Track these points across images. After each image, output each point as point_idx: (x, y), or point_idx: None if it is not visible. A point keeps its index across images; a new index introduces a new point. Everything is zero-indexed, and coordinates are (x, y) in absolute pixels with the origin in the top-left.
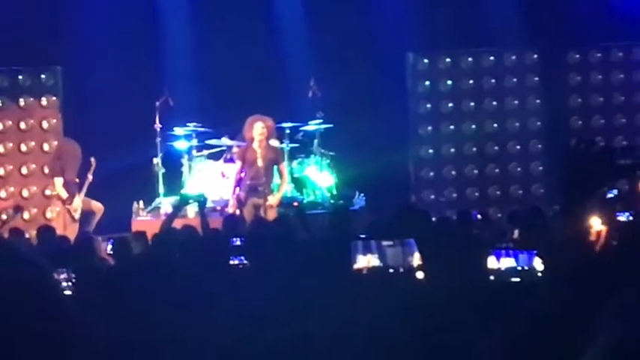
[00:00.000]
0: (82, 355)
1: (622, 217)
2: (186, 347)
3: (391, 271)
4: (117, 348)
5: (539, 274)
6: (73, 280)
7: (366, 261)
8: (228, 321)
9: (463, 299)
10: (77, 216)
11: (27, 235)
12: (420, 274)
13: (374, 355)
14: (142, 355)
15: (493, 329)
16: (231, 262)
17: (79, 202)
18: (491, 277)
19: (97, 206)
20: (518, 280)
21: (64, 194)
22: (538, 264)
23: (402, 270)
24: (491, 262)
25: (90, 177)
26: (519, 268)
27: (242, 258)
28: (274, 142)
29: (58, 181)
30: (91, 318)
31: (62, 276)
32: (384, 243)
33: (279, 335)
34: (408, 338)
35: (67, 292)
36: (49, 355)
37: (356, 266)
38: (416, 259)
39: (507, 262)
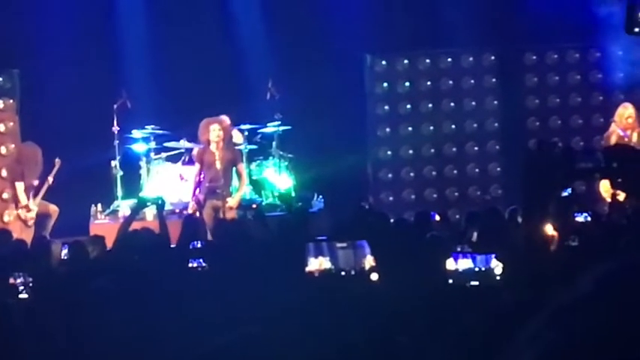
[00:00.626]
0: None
1: (580, 218)
2: (144, 350)
3: (343, 273)
4: (73, 350)
5: (498, 278)
6: (30, 284)
7: (317, 263)
8: (186, 323)
9: (419, 301)
10: (30, 222)
11: None
12: (374, 276)
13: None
14: (98, 358)
15: (447, 332)
16: (191, 265)
17: (33, 206)
18: (450, 281)
19: (53, 209)
20: (476, 283)
21: (25, 199)
22: (496, 266)
23: (353, 272)
24: (449, 264)
25: (50, 179)
26: (477, 269)
27: (201, 260)
28: (237, 136)
29: (20, 185)
30: (47, 321)
31: (19, 280)
32: (337, 245)
33: (230, 338)
34: (361, 341)
35: (24, 296)
36: None
37: (308, 269)
38: (368, 262)
39: (465, 264)
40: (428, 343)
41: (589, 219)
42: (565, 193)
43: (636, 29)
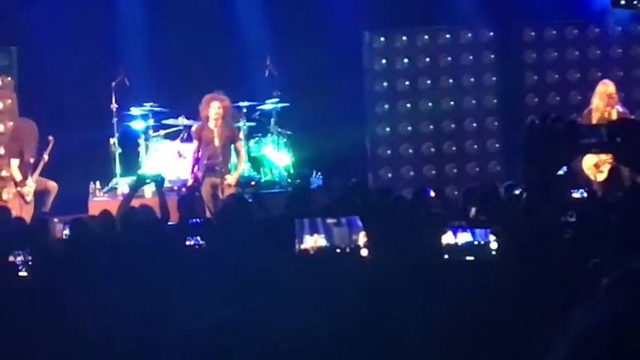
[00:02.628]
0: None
1: (576, 195)
2: (142, 327)
3: (338, 251)
4: (72, 327)
5: (493, 253)
6: (30, 262)
7: (313, 241)
8: (183, 300)
9: (411, 277)
10: (29, 198)
11: None
12: (364, 252)
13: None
14: (96, 336)
15: (439, 307)
16: (188, 243)
17: (31, 183)
18: (446, 256)
19: (52, 185)
20: (472, 258)
21: (19, 176)
22: (493, 240)
23: (348, 250)
24: (448, 237)
25: (46, 157)
26: (476, 242)
27: (198, 238)
28: (240, 123)
29: (14, 162)
30: (47, 298)
31: (18, 258)
32: (329, 221)
33: (228, 314)
34: (352, 316)
35: (23, 274)
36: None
37: (303, 246)
38: (361, 238)
39: (464, 237)
40: (419, 318)
41: (585, 195)
42: (560, 171)
43: (622, 2)
